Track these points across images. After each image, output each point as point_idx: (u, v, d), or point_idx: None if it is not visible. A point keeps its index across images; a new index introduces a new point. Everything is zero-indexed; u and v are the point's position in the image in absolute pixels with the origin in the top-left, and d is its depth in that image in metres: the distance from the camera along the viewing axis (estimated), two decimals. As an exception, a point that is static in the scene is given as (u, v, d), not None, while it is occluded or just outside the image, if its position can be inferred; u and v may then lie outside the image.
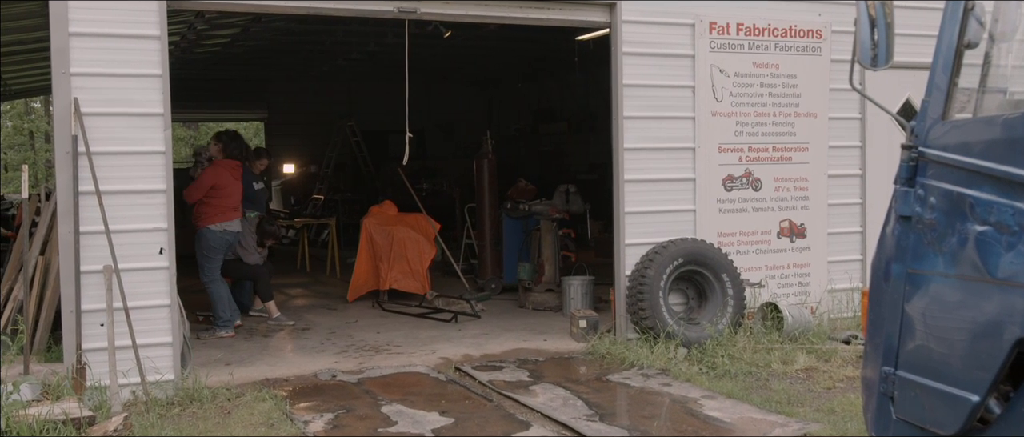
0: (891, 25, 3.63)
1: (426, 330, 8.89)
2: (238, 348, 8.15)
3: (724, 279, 7.87)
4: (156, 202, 6.50)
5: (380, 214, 10.98)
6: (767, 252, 8.46)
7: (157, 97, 6.48)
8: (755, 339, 7.64)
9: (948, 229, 3.27)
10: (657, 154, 8.03)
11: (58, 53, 6.20)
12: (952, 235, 3.25)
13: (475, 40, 13.05)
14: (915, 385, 3.38)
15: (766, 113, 8.38)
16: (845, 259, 8.75)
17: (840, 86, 8.38)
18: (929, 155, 3.43)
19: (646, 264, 7.68)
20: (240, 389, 6.57)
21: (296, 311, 10.07)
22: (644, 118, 7.96)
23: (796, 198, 8.55)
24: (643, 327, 7.63)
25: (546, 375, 7.03)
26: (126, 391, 6.26)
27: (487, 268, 11.24)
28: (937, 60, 3.52)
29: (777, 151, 8.45)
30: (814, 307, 8.48)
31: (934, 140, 3.44)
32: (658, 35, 7.98)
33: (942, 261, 3.30)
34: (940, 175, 3.37)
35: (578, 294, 9.34)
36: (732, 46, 8.21)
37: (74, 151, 6.19)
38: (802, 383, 6.70)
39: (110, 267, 6.27)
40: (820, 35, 8.49)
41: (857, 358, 7.12)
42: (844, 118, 8.68)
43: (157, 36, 6.48)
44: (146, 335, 6.38)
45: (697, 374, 6.87)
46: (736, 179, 8.32)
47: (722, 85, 8.19)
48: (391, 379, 7.02)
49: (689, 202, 8.16)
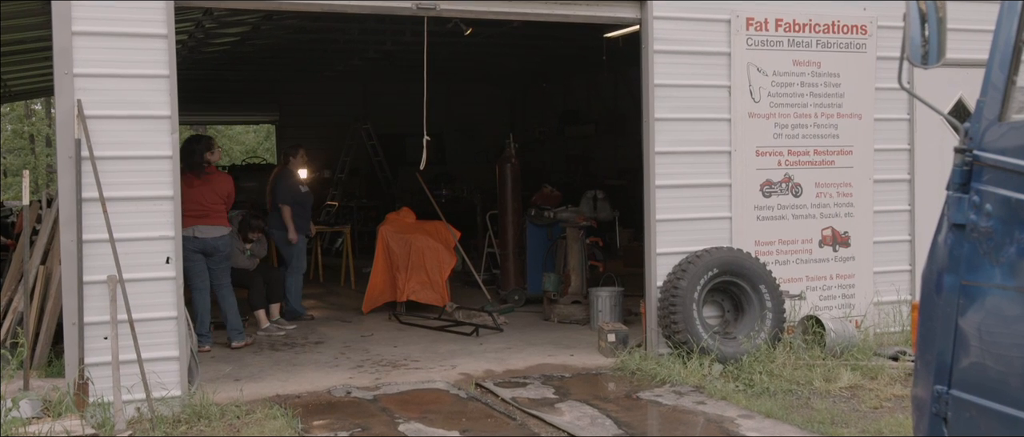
0: (943, 20, 3.59)
1: (446, 344, 8.89)
2: (248, 362, 8.19)
3: (762, 291, 7.82)
4: (163, 209, 6.54)
5: (397, 221, 11.00)
6: (808, 262, 8.39)
7: (164, 99, 6.52)
8: (795, 355, 7.58)
9: (1006, 238, 3.23)
10: (691, 158, 8.00)
11: (61, 53, 6.26)
12: (1010, 244, 3.21)
13: (497, 38, 13.05)
14: (970, 405, 3.33)
15: (807, 114, 8.32)
16: (892, 270, 8.67)
17: (887, 85, 8.32)
18: (985, 159, 3.39)
19: (679, 275, 7.65)
20: (250, 406, 6.58)
21: (308, 324, 10.10)
22: (677, 120, 7.94)
23: (839, 205, 8.49)
24: (676, 342, 7.59)
25: (573, 392, 7.00)
26: (130, 408, 6.29)
27: (510, 279, 11.22)
28: (994, 57, 3.48)
29: (819, 155, 8.39)
30: (859, 321, 8.41)
31: (990, 143, 3.39)
32: (691, 32, 7.95)
33: (999, 272, 3.25)
34: (997, 180, 3.32)
35: (606, 306, 9.32)
36: (770, 43, 8.17)
37: (77, 155, 6.24)
38: (846, 402, 6.64)
39: (114, 277, 6.30)
40: (865, 31, 8.43)
41: (906, 376, 7.06)
42: (891, 119, 8.61)
43: (164, 35, 6.52)
44: (152, 349, 6.41)
45: (733, 392, 6.82)
46: (775, 184, 8.27)
47: (760, 85, 8.15)
48: (409, 396, 7.02)
49: (725, 209, 8.12)
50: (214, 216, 8.70)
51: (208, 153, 8.83)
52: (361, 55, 14.88)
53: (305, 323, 10.09)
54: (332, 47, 14.27)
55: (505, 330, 9.46)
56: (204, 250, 8.69)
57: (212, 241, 8.70)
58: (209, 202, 8.67)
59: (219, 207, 8.75)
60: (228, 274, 8.91)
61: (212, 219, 8.69)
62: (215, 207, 8.72)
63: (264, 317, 9.45)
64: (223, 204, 8.78)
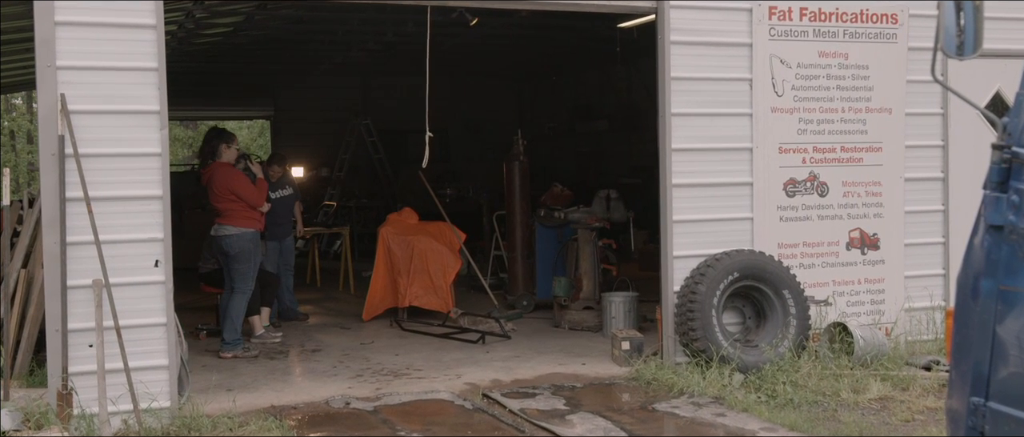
0: (980, 8, 3.58)
1: (450, 352, 8.89)
2: (241, 371, 8.20)
3: (785, 296, 7.81)
4: (151, 209, 6.55)
5: (399, 223, 11.01)
6: (835, 266, 8.37)
7: (152, 93, 6.53)
8: (821, 364, 7.57)
9: (1048, 240, 3.21)
10: (709, 155, 7.99)
11: (43, 44, 6.27)
12: (1051, 247, 3.19)
13: (505, 29, 13.06)
14: (1010, 419, 3.31)
15: (833, 109, 8.30)
16: (925, 274, 8.64)
17: (919, 77, 8.30)
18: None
19: (697, 279, 7.64)
20: (243, 417, 6.59)
21: (305, 330, 10.12)
22: (695, 115, 7.92)
23: (868, 205, 8.46)
24: (694, 350, 7.58)
25: (584, 403, 7.00)
26: (116, 419, 6.30)
27: (518, 283, 11.23)
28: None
29: (846, 151, 8.37)
30: (889, 328, 8.39)
31: (1031, 138, 3.37)
32: (711, 21, 7.93)
33: (1041, 277, 3.24)
34: (1037, 178, 3.30)
35: (620, 312, 9.31)
36: (795, 33, 8.15)
37: (60, 152, 6.25)
38: (876, 415, 6.62)
39: (100, 281, 6.32)
40: (896, 20, 8.40)
41: (940, 387, 7.04)
42: (923, 114, 8.58)
43: (153, 25, 6.54)
44: (139, 357, 6.43)
45: (755, 403, 6.81)
46: (799, 183, 8.25)
47: (783, 77, 8.13)
48: (411, 407, 7.02)
49: (746, 209, 8.11)
50: (227, 214, 8.80)
51: (224, 146, 8.91)
52: (361, 47, 14.89)
53: (301, 330, 10.09)
54: (330, 38, 14.28)
55: (513, 337, 9.47)
56: (219, 250, 8.80)
57: (219, 241, 8.78)
58: (216, 199, 8.80)
59: (228, 206, 8.79)
60: (245, 279, 8.89)
61: (224, 218, 8.81)
62: (224, 206, 8.79)
63: (258, 323, 9.47)
64: (234, 201, 8.78)
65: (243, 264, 8.84)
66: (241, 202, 8.79)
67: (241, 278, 8.86)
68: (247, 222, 8.83)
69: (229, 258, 8.82)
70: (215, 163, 8.89)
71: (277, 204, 10.27)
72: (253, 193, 8.91)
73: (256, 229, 8.93)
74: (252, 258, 8.92)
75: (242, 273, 8.86)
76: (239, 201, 8.77)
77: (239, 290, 8.86)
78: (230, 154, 8.94)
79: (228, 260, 8.84)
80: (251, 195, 8.87)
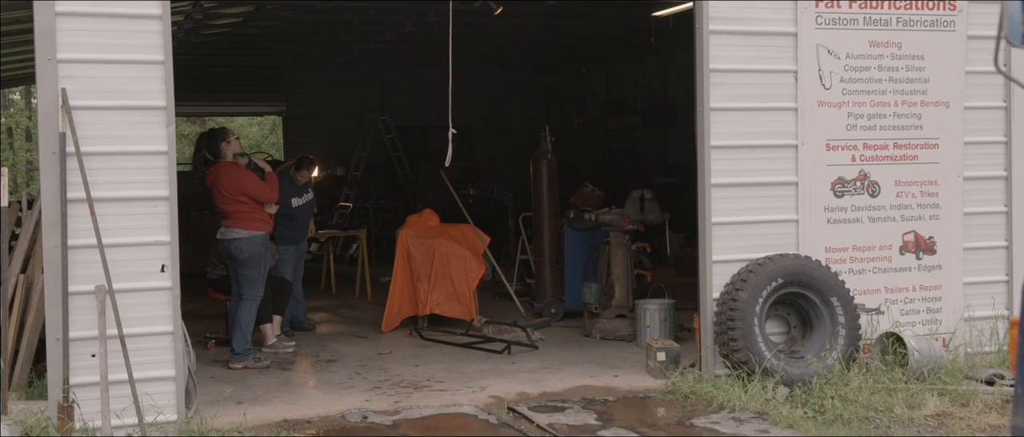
0: (1048, -8, 3.53)
1: (474, 363, 8.89)
2: (252, 383, 8.23)
3: (834, 304, 7.77)
4: (157, 211, 6.59)
5: (419, 225, 11.02)
6: (887, 272, 8.32)
7: (158, 87, 6.57)
8: (873, 377, 7.52)
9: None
10: (751, 152, 7.96)
11: (42, 36, 6.32)
12: None
13: (531, 18, 13.06)
14: (1080, 437, 3.27)
15: (886, 102, 8.26)
16: (986, 280, 8.58)
17: (980, 68, 8.25)
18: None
19: (738, 285, 7.61)
20: (254, 431, 6.62)
21: (320, 340, 10.15)
22: (735, 109, 7.90)
23: (923, 206, 8.41)
24: (734, 361, 7.55)
25: (617, 418, 6.98)
26: (120, 433, 6.33)
27: (546, 289, 11.22)
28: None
29: (899, 148, 8.32)
30: (947, 339, 8.33)
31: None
32: (753, 9, 7.91)
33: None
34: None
35: (655, 321, 9.29)
36: (843, 21, 8.10)
37: (61, 151, 6.30)
38: (933, 432, 6.57)
39: (103, 287, 6.35)
40: (954, 6, 8.34)
41: (1003, 403, 6.99)
42: (984, 108, 8.52)
43: (159, 15, 6.58)
44: (144, 368, 6.46)
45: (801, 419, 6.77)
46: (848, 183, 8.21)
47: (831, 69, 8.09)
48: (432, 422, 7.03)
49: (790, 211, 8.08)
50: (235, 216, 8.81)
51: (224, 144, 8.93)
52: (378, 38, 14.94)
53: (316, 339, 10.13)
54: (346, 29, 14.34)
55: (541, 347, 9.46)
56: (227, 254, 8.87)
57: (226, 244, 8.83)
58: (224, 201, 8.81)
59: (236, 207, 8.79)
60: (254, 285, 8.91)
61: (231, 220, 8.83)
62: (232, 207, 8.80)
63: (270, 332, 9.51)
64: (243, 202, 8.78)
65: (252, 269, 8.85)
66: (250, 203, 8.79)
67: (250, 284, 8.88)
68: (256, 224, 8.82)
69: (238, 263, 8.84)
70: (220, 163, 8.91)
71: (300, 210, 10.31)
72: (264, 190, 8.91)
73: (266, 231, 8.94)
74: (262, 262, 8.93)
75: (251, 278, 8.88)
76: (248, 202, 8.77)
77: (248, 297, 8.88)
78: (232, 149, 8.97)
79: (236, 265, 8.87)
80: (263, 193, 8.88)
